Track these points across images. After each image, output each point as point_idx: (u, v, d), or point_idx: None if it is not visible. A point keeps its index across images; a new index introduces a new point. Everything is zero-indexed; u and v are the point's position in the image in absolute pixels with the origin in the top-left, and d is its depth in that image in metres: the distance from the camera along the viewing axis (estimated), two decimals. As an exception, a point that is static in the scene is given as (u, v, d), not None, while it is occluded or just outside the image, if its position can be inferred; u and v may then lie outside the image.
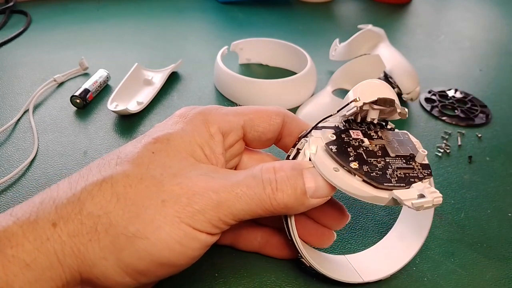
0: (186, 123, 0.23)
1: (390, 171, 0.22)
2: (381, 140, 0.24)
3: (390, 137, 0.24)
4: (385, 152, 0.23)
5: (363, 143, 0.23)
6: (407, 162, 0.23)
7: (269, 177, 0.21)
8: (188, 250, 0.19)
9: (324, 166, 0.22)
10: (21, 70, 0.48)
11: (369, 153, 0.23)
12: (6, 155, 0.35)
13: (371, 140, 0.23)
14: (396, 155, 0.23)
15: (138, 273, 0.19)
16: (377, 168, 0.22)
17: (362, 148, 0.23)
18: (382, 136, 0.24)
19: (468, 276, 0.28)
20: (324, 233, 0.26)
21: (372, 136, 0.24)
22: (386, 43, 0.50)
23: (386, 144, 0.24)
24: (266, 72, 0.52)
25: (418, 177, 0.22)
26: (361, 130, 0.24)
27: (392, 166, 0.22)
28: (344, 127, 0.24)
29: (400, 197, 0.20)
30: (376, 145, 0.23)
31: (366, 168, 0.21)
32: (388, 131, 0.25)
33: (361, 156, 0.22)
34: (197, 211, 0.19)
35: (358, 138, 0.23)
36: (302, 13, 0.71)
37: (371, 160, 0.22)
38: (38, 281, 0.18)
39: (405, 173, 0.22)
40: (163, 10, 0.68)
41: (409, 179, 0.22)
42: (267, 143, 0.26)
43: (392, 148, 0.23)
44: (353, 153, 0.22)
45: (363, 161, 0.22)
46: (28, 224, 0.18)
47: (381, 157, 0.23)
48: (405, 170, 0.22)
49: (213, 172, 0.21)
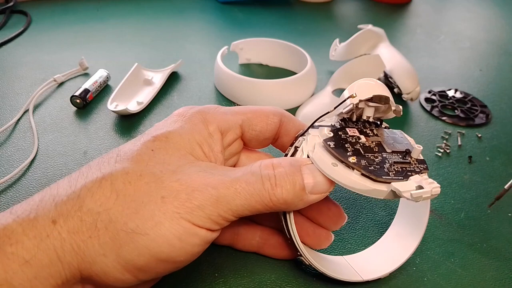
0: (185, 121, 0.23)
1: (387, 165, 0.22)
2: (377, 137, 0.24)
3: (385, 134, 0.25)
4: (382, 148, 0.23)
5: (359, 139, 0.23)
6: (403, 157, 0.23)
7: (268, 173, 0.21)
8: (187, 246, 0.19)
9: (323, 161, 0.22)
10: (21, 70, 0.48)
11: (366, 149, 0.23)
12: (6, 155, 0.35)
13: (367, 137, 0.24)
14: (392, 150, 0.23)
15: (138, 270, 0.19)
16: (374, 162, 0.22)
17: (359, 144, 0.23)
18: (378, 133, 0.24)
19: (468, 276, 0.28)
20: (321, 234, 0.26)
21: (368, 133, 0.24)
22: (386, 43, 0.50)
23: (382, 141, 0.24)
24: (266, 72, 0.52)
25: (415, 171, 0.22)
26: (357, 128, 0.24)
27: (389, 160, 0.22)
28: (341, 125, 0.24)
29: (398, 188, 0.20)
30: (372, 142, 0.24)
31: (364, 162, 0.22)
32: (383, 129, 0.25)
33: (359, 151, 0.22)
34: (197, 207, 0.19)
35: (354, 135, 0.24)
36: (302, 13, 0.71)
37: (368, 155, 0.22)
38: (38, 278, 0.18)
39: (402, 167, 0.22)
40: (163, 10, 0.68)
41: (406, 172, 0.22)
42: (265, 142, 0.27)
43: (388, 144, 0.24)
44: (350, 149, 0.22)
45: (361, 155, 0.22)
46: (28, 222, 0.18)
47: (378, 152, 0.23)
48: (402, 164, 0.23)
49: (212, 169, 0.21)
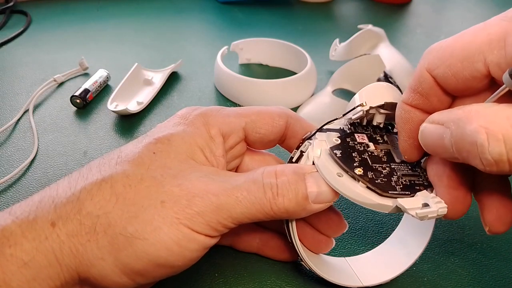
0: (187, 124, 0.23)
1: (395, 178, 0.21)
2: (387, 144, 0.23)
3: (395, 141, 0.24)
4: (391, 158, 0.23)
5: (368, 147, 0.23)
6: (413, 168, 0.22)
7: (270, 182, 0.21)
8: (186, 251, 0.19)
9: (328, 171, 0.21)
10: (21, 70, 0.48)
11: (374, 159, 0.22)
12: (6, 155, 0.35)
13: (377, 145, 0.23)
14: (401, 160, 0.23)
15: (136, 274, 0.19)
16: (382, 174, 0.21)
17: (367, 153, 0.22)
18: (388, 140, 0.24)
19: (468, 276, 0.28)
20: (321, 240, 0.26)
21: (377, 140, 0.24)
22: (386, 43, 0.50)
23: (392, 149, 0.23)
24: (266, 72, 0.52)
25: (423, 184, 0.22)
26: (367, 134, 0.24)
27: (397, 172, 0.22)
28: (349, 130, 0.24)
29: (404, 206, 0.20)
30: (381, 150, 0.23)
31: (370, 174, 0.21)
32: (393, 135, 0.24)
33: (366, 161, 0.22)
34: (196, 213, 0.19)
35: (363, 143, 0.23)
36: (302, 13, 0.71)
37: (376, 166, 0.22)
38: (36, 279, 0.18)
39: (410, 180, 0.22)
40: (163, 10, 0.67)
41: (414, 186, 0.21)
42: (270, 144, 0.26)
43: (397, 153, 0.23)
44: (358, 158, 0.22)
45: (368, 167, 0.21)
46: (27, 223, 0.18)
47: (386, 163, 0.22)
48: (410, 177, 0.22)
49: (213, 174, 0.21)
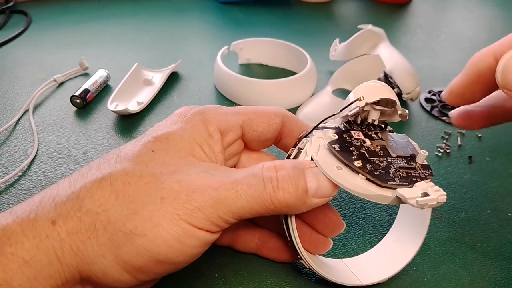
0: (185, 122, 0.23)
1: (392, 170, 0.22)
2: (382, 141, 0.24)
3: (389, 138, 0.24)
4: (387, 152, 0.23)
5: (364, 143, 0.23)
6: (408, 162, 0.23)
7: (270, 175, 0.21)
8: (186, 248, 0.19)
9: (327, 164, 0.21)
10: (21, 70, 0.48)
11: (371, 153, 0.22)
12: (6, 155, 0.35)
13: (372, 141, 0.23)
14: (397, 155, 0.23)
15: (137, 270, 0.19)
16: (380, 167, 0.22)
17: (364, 148, 0.23)
18: (383, 137, 0.24)
19: (468, 276, 0.28)
20: (319, 240, 0.26)
21: (372, 137, 0.24)
22: (386, 43, 0.50)
23: (387, 145, 0.24)
24: (266, 72, 0.52)
25: (420, 177, 0.22)
26: (362, 131, 0.24)
27: (394, 165, 0.22)
28: (345, 127, 0.24)
29: (404, 195, 0.20)
30: (377, 146, 0.23)
31: (369, 166, 0.21)
32: (387, 132, 0.25)
33: (364, 155, 0.22)
34: (196, 208, 0.19)
35: (359, 138, 0.23)
36: (302, 13, 0.71)
37: (373, 160, 0.22)
38: (37, 278, 0.18)
39: (407, 173, 0.22)
40: (163, 10, 0.68)
41: (412, 178, 0.22)
42: (267, 143, 0.26)
43: (393, 148, 0.23)
44: (355, 152, 0.22)
45: (366, 160, 0.22)
46: (28, 222, 0.18)
47: (383, 157, 0.23)
48: (407, 170, 0.22)
49: (213, 169, 0.21)
